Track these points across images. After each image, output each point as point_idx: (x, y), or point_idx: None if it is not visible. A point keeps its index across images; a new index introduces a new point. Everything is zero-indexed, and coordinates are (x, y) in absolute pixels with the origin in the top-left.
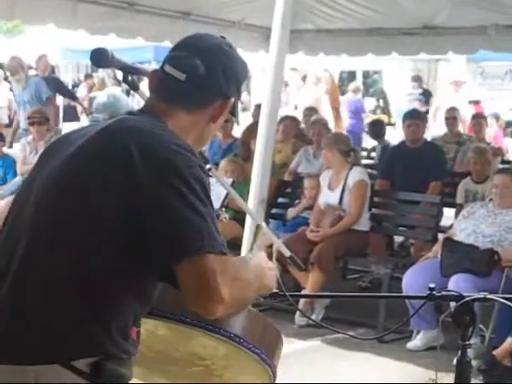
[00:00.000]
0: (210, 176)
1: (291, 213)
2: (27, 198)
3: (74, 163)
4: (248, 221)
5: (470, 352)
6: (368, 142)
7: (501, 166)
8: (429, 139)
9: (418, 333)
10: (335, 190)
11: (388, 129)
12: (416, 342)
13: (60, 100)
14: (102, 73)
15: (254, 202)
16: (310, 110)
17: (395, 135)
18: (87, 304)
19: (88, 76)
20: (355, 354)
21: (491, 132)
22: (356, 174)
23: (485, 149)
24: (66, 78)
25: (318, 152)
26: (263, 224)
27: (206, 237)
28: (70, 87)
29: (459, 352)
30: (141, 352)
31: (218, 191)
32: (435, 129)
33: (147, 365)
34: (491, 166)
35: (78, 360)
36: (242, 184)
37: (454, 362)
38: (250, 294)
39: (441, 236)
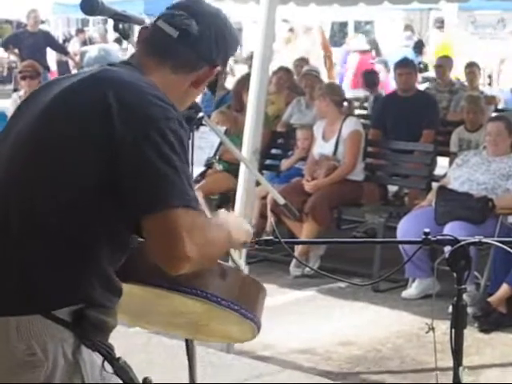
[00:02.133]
0: (203, 125)
1: (285, 164)
2: (4, 146)
3: (51, 112)
4: (242, 173)
5: (465, 298)
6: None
7: (494, 114)
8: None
9: (413, 281)
10: (329, 141)
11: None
12: (411, 290)
13: (52, 55)
14: (92, 28)
15: (247, 152)
16: (301, 61)
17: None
18: (66, 252)
19: (80, 31)
20: (350, 303)
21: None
22: (350, 125)
23: (478, 97)
24: (57, 32)
25: (310, 103)
26: (258, 174)
27: (177, 191)
28: (60, 42)
29: (455, 297)
30: (124, 303)
31: (211, 140)
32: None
33: (133, 313)
34: (484, 114)
35: (60, 309)
36: (234, 135)
37: (450, 309)
38: (217, 250)
39: (435, 185)
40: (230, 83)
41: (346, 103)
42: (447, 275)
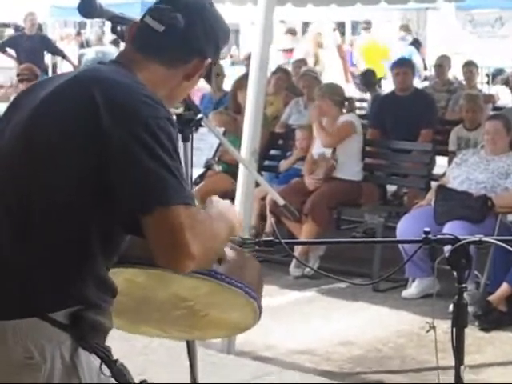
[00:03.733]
0: (202, 126)
1: (284, 165)
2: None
3: (42, 111)
4: (241, 174)
5: (465, 297)
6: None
7: (492, 113)
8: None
9: (413, 281)
10: None
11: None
12: (411, 290)
13: (49, 58)
14: (89, 30)
15: (246, 153)
16: (300, 62)
17: (386, 85)
18: (62, 253)
19: (77, 33)
20: (350, 304)
21: None
22: (345, 117)
23: (476, 96)
24: (54, 35)
25: (308, 103)
26: (257, 175)
27: (172, 189)
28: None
29: (456, 295)
30: (121, 302)
31: (210, 141)
32: None
33: (129, 316)
34: (483, 112)
35: (57, 311)
36: (233, 137)
37: (450, 308)
38: (219, 244)
39: (434, 184)
40: (227, 85)
41: (346, 103)
42: (447, 275)
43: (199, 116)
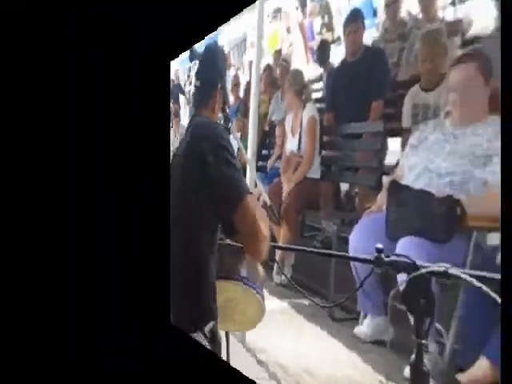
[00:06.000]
0: (230, 133)
1: (268, 164)
2: None
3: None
4: (247, 175)
5: (425, 363)
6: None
7: (460, 52)
8: None
9: (364, 317)
10: (295, 135)
11: (333, 47)
12: (363, 328)
13: None
14: None
15: (249, 154)
16: (278, 54)
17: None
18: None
19: None
20: (313, 327)
21: None
22: (307, 112)
23: (436, 31)
24: None
25: (283, 96)
26: (255, 174)
27: (242, 182)
28: None
29: (413, 355)
30: None
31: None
32: None
33: None
34: (447, 56)
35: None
36: (243, 140)
37: (406, 372)
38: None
39: (385, 180)
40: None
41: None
42: (402, 314)
43: (229, 125)
